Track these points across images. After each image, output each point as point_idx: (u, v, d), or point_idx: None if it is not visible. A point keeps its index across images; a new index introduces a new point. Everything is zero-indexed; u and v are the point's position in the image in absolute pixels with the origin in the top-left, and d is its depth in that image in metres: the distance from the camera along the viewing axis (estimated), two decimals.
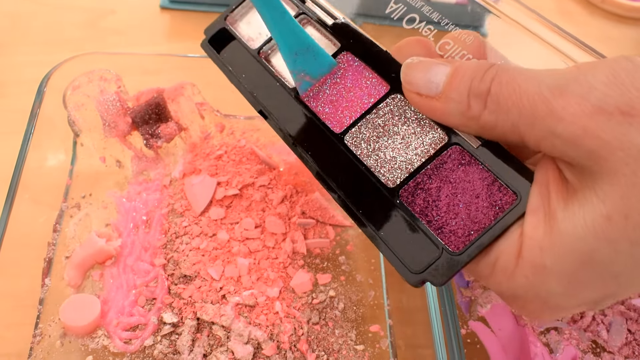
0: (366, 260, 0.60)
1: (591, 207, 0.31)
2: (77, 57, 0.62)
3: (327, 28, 0.48)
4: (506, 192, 0.36)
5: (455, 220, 0.37)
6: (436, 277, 0.36)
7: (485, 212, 0.37)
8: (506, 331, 0.54)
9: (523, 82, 0.33)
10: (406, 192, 0.39)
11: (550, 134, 0.32)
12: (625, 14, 0.98)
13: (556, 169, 0.34)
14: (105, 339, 0.52)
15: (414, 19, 0.46)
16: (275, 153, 0.66)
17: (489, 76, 0.34)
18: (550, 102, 0.31)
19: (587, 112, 0.30)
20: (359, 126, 0.43)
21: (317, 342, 0.53)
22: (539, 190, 0.34)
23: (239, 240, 0.58)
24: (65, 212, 0.60)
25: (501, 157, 0.37)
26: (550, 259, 0.32)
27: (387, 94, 0.43)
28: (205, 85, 0.66)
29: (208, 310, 0.53)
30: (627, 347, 0.54)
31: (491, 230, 0.36)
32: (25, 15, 0.83)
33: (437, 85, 0.37)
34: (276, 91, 0.48)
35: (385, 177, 0.40)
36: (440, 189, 0.38)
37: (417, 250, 0.38)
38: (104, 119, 0.61)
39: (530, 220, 0.34)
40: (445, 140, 0.39)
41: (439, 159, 0.39)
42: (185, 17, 0.86)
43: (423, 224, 0.38)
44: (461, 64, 0.36)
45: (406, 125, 0.41)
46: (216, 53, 0.52)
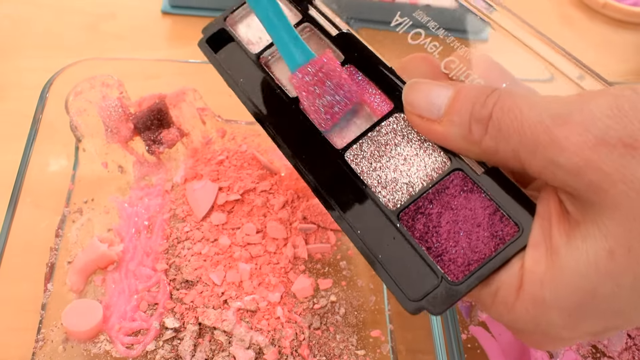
0: (367, 266, 0.59)
1: (593, 242, 0.30)
2: (79, 63, 0.63)
3: (330, 39, 0.47)
4: (508, 222, 0.36)
5: (455, 248, 0.36)
6: (434, 307, 0.36)
7: (486, 242, 0.36)
8: (506, 336, 0.54)
9: (525, 109, 0.32)
10: (407, 216, 0.38)
11: (552, 163, 0.31)
12: (625, 19, 0.98)
13: (558, 201, 0.33)
14: (108, 344, 0.52)
15: (420, 35, 0.45)
16: (276, 158, 0.66)
17: (491, 101, 0.34)
18: (552, 131, 0.31)
19: (590, 143, 0.30)
20: (360, 143, 0.42)
21: (319, 347, 0.53)
22: (541, 223, 0.34)
23: (241, 246, 0.58)
24: (67, 217, 0.60)
25: (504, 186, 0.36)
26: (551, 293, 0.32)
27: (391, 112, 0.42)
28: (207, 91, 0.66)
29: (210, 315, 0.53)
30: (627, 352, 0.54)
31: (492, 261, 0.35)
32: (27, 20, 0.83)
33: (438, 108, 0.36)
34: (275, 99, 0.47)
35: (385, 199, 0.39)
36: (441, 215, 0.38)
37: (416, 277, 0.37)
38: (106, 125, 0.61)
39: (531, 255, 0.33)
40: (448, 164, 0.39)
41: (441, 184, 0.38)
42: (187, 22, 0.86)
43: (423, 251, 0.37)
44: (463, 86, 0.36)
45: (409, 146, 0.40)
46: (213, 53, 0.51)
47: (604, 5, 0.98)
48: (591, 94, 0.31)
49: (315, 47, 0.48)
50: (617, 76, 0.91)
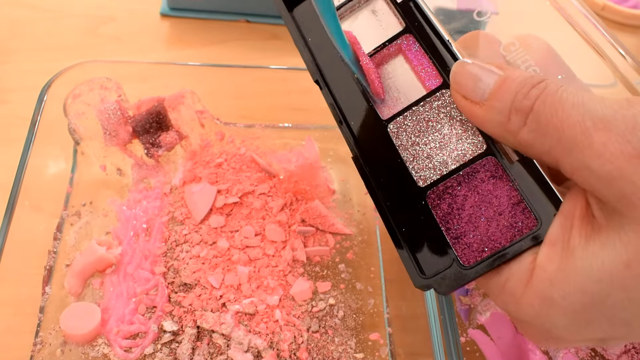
0: (366, 269, 0.60)
1: (612, 251, 0.30)
2: (78, 65, 0.63)
3: (395, 5, 0.46)
4: (529, 215, 0.36)
5: (473, 233, 0.37)
6: (441, 287, 0.36)
7: (503, 231, 0.36)
8: (505, 339, 0.54)
9: (568, 106, 0.32)
10: (434, 194, 0.39)
11: (585, 166, 0.31)
12: (625, 21, 0.98)
13: (585, 203, 0.33)
14: (106, 347, 0.52)
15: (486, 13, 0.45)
16: (275, 161, 0.66)
17: (534, 93, 0.33)
18: (590, 134, 0.30)
19: (627, 154, 0.29)
20: (404, 116, 0.42)
21: (317, 350, 0.53)
22: (563, 222, 0.33)
23: (239, 248, 0.58)
24: (65, 220, 0.60)
25: (534, 179, 0.36)
26: (559, 294, 0.31)
27: (439, 87, 0.42)
28: (205, 94, 0.66)
29: (208, 318, 0.53)
30: (626, 356, 0.54)
31: (504, 252, 0.35)
32: (26, 22, 0.83)
33: (483, 92, 0.36)
34: (338, 63, 0.46)
35: (417, 175, 0.40)
36: (466, 198, 0.38)
37: (430, 255, 0.37)
38: (104, 128, 0.61)
39: (545, 252, 0.33)
40: (482, 149, 0.38)
41: (472, 167, 0.38)
42: (186, 25, 0.86)
43: (441, 230, 0.38)
44: (511, 73, 0.35)
45: (449, 125, 0.40)
46: (288, 11, 0.49)
47: (603, 8, 0.98)
48: (638, 102, 0.31)
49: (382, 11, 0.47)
50: None
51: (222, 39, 0.84)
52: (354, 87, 0.45)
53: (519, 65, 0.41)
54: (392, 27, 0.46)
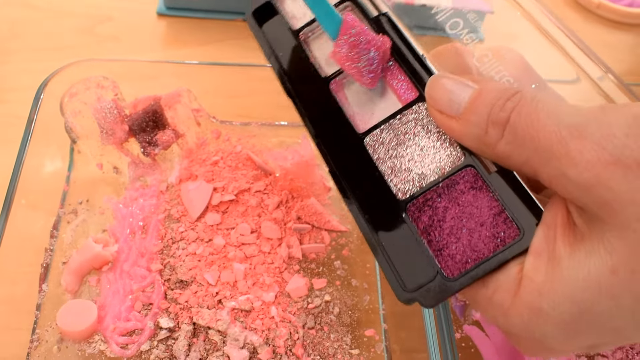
0: (361, 265, 0.60)
1: (598, 259, 0.30)
2: (74, 64, 0.63)
3: (369, 20, 0.46)
4: (511, 225, 0.35)
5: (456, 244, 0.36)
6: (426, 300, 0.36)
7: (486, 242, 0.36)
8: (500, 335, 0.54)
9: (543, 116, 0.32)
10: (414, 207, 0.38)
11: (563, 175, 0.31)
12: (620, 19, 0.98)
13: (566, 212, 0.33)
14: (102, 344, 0.52)
15: (458, 24, 0.45)
16: (271, 159, 0.66)
17: (510, 105, 0.33)
18: (567, 142, 0.30)
19: (603, 161, 0.29)
20: (381, 129, 0.42)
21: (313, 346, 0.54)
22: (546, 232, 0.33)
23: (235, 246, 0.58)
24: (62, 218, 0.60)
25: (513, 188, 0.36)
26: (548, 304, 0.31)
27: (415, 100, 0.42)
28: (202, 92, 0.66)
29: (204, 315, 0.53)
30: (620, 351, 0.54)
31: (487, 262, 0.35)
32: (23, 22, 0.83)
33: (458, 106, 0.36)
34: (308, 77, 0.46)
35: (396, 188, 0.39)
36: (447, 210, 0.38)
37: (413, 268, 0.37)
38: (101, 127, 0.61)
39: (532, 262, 0.33)
40: (461, 159, 0.38)
41: (452, 179, 0.38)
42: (182, 24, 0.86)
43: (423, 243, 0.37)
44: (485, 86, 0.35)
45: (427, 138, 0.40)
46: (258, 27, 0.50)
47: (598, 6, 0.98)
48: (610, 109, 0.30)
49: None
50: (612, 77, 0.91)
51: (219, 38, 0.84)
52: (329, 99, 0.45)
53: (492, 76, 0.41)
54: None
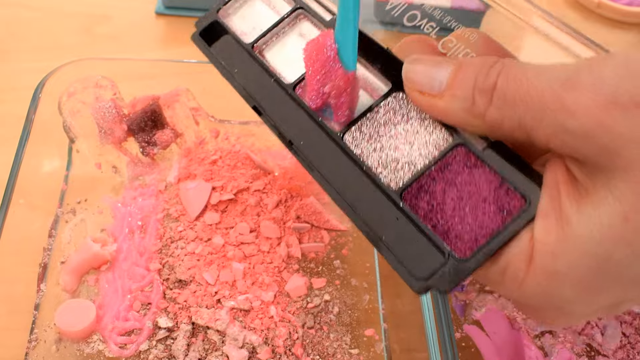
0: (361, 264, 0.60)
1: (607, 208, 0.29)
2: (72, 63, 0.63)
3: (324, 23, 0.46)
4: (514, 195, 0.35)
5: (461, 224, 0.35)
6: (442, 284, 0.34)
7: (492, 216, 0.35)
8: (501, 335, 0.54)
9: (531, 75, 0.31)
10: (409, 195, 0.37)
11: (561, 129, 0.30)
12: (620, 18, 0.98)
13: (565, 169, 0.32)
14: (101, 344, 0.52)
15: (415, 16, 0.44)
16: (270, 158, 0.66)
17: (494, 71, 0.33)
18: (560, 95, 0.30)
19: (601, 105, 0.29)
20: (358, 125, 0.41)
21: (312, 346, 0.53)
22: (549, 193, 0.32)
23: (234, 245, 0.58)
24: (60, 217, 0.60)
25: (508, 159, 0.35)
26: (564, 265, 0.30)
27: (389, 92, 0.41)
28: (200, 91, 0.66)
29: (203, 314, 0.53)
30: (621, 351, 0.54)
31: (500, 235, 0.34)
32: (20, 22, 0.83)
33: (440, 83, 0.35)
34: (271, 87, 0.46)
35: (387, 179, 0.38)
36: (445, 192, 0.37)
37: (422, 256, 0.36)
38: (99, 126, 0.61)
39: (541, 225, 0.32)
40: (449, 140, 0.38)
41: (443, 161, 0.37)
42: (181, 23, 0.86)
43: (428, 229, 0.36)
44: (465, 60, 0.35)
45: (409, 125, 0.39)
46: (207, 46, 0.50)
47: (598, 5, 0.98)
48: (599, 58, 0.30)
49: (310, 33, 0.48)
50: None
51: None
52: (296, 107, 0.44)
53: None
54: None
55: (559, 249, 0.30)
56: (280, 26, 0.49)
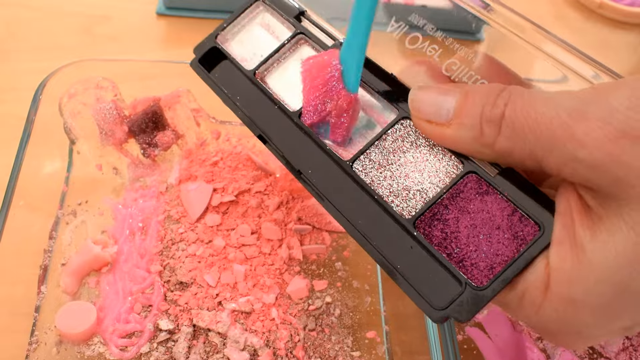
0: (362, 267, 0.60)
1: (621, 235, 0.30)
2: (73, 64, 0.62)
3: (326, 49, 0.46)
4: (528, 222, 0.35)
5: (476, 252, 0.36)
6: (461, 314, 0.35)
7: (507, 244, 0.35)
8: (503, 337, 0.54)
9: (539, 105, 0.31)
10: (423, 223, 0.38)
11: (572, 159, 0.30)
12: (622, 19, 0.98)
13: (577, 196, 0.33)
14: (101, 346, 0.52)
15: (417, 38, 0.44)
16: (271, 159, 0.66)
17: (502, 100, 0.33)
18: (570, 126, 0.30)
19: (611, 136, 0.29)
20: (367, 153, 0.41)
21: (314, 348, 0.53)
22: (563, 220, 0.33)
23: (235, 247, 0.58)
24: (61, 219, 0.59)
25: (520, 186, 0.36)
26: (580, 291, 0.31)
27: (396, 120, 0.41)
28: (201, 92, 0.66)
29: (204, 316, 0.53)
30: (624, 353, 0.54)
31: (515, 263, 0.34)
32: (21, 22, 0.83)
33: (447, 112, 0.35)
34: (275, 115, 0.46)
35: (399, 208, 0.39)
36: (458, 220, 0.37)
37: (439, 285, 0.36)
38: (100, 127, 0.61)
39: (556, 252, 0.32)
40: (460, 167, 0.38)
41: (455, 188, 0.38)
42: (182, 24, 0.86)
43: (443, 257, 0.36)
44: (471, 88, 0.35)
45: (418, 152, 0.39)
46: (207, 73, 0.51)
47: (600, 5, 0.98)
48: (606, 87, 0.31)
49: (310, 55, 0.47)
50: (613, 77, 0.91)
51: None
52: (302, 135, 0.44)
53: (465, 81, 0.41)
54: None
55: (575, 276, 0.31)
56: (282, 52, 0.49)
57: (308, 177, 0.43)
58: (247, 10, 0.52)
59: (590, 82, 0.41)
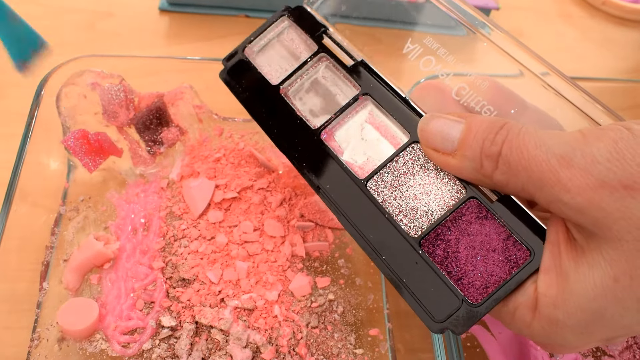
0: (365, 264, 0.59)
1: (599, 270, 0.34)
2: (75, 60, 0.62)
3: (346, 69, 0.49)
4: (520, 247, 0.39)
5: (473, 272, 0.39)
6: (457, 327, 0.39)
7: (501, 265, 0.39)
8: (506, 335, 0.54)
9: (532, 147, 0.35)
10: (427, 242, 0.41)
11: (558, 200, 0.34)
12: (626, 16, 0.98)
13: (565, 229, 0.37)
14: (104, 343, 0.51)
15: (431, 61, 0.47)
16: (274, 156, 0.65)
17: (500, 138, 0.37)
18: (557, 172, 0.34)
19: (592, 185, 0.33)
20: (380, 173, 0.44)
21: (316, 346, 0.53)
22: (551, 249, 0.37)
23: (238, 244, 0.58)
24: (63, 215, 0.59)
25: (516, 213, 0.40)
26: (563, 315, 0.35)
27: (408, 142, 0.44)
28: (204, 88, 0.66)
29: (206, 313, 0.52)
30: (627, 351, 0.54)
31: (507, 284, 0.38)
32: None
33: (452, 143, 0.39)
34: (297, 130, 0.49)
35: (407, 227, 0.42)
36: (459, 241, 0.40)
37: (438, 299, 0.40)
38: (104, 108, 0.61)
39: (544, 279, 0.37)
40: (463, 193, 0.41)
41: (457, 211, 0.41)
42: (184, 20, 0.86)
43: (444, 275, 0.40)
44: (473, 120, 0.38)
45: (426, 175, 0.43)
46: (235, 84, 0.53)
47: (604, 3, 0.98)
48: (593, 137, 0.34)
49: (332, 77, 0.51)
50: (617, 74, 0.91)
51: (221, 34, 0.84)
52: (323, 150, 0.47)
53: (473, 106, 0.45)
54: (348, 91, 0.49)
55: (559, 301, 0.35)
56: (304, 68, 0.52)
57: (326, 192, 0.46)
58: (273, 25, 0.54)
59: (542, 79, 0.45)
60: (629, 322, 0.34)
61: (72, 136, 0.58)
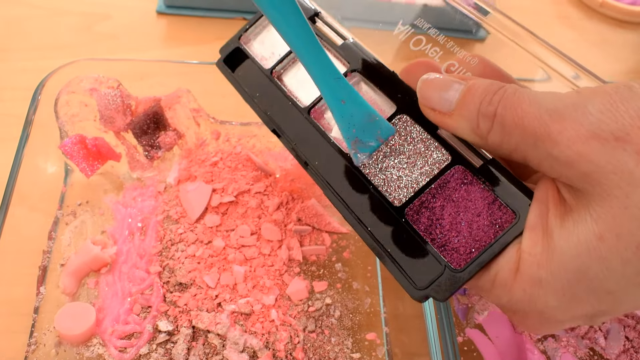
0: (362, 268, 0.59)
1: (585, 226, 0.32)
2: (72, 63, 0.62)
3: (336, 48, 0.49)
4: (506, 211, 0.38)
5: (457, 238, 0.39)
6: (439, 293, 0.38)
7: (485, 230, 0.38)
8: (503, 339, 0.54)
9: (526, 105, 0.34)
10: (411, 211, 0.41)
11: (548, 156, 0.33)
12: (623, 18, 0.98)
13: (555, 189, 0.35)
14: (101, 348, 0.51)
15: (421, 41, 0.47)
16: (271, 159, 0.65)
17: (496, 98, 0.36)
18: (548, 126, 0.33)
19: (582, 137, 0.32)
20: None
21: (313, 350, 0.53)
22: (538, 208, 0.36)
23: (235, 248, 0.58)
24: (60, 219, 0.59)
25: (501, 177, 0.39)
26: (546, 273, 0.34)
27: (394, 114, 0.44)
28: (201, 92, 0.66)
29: (203, 318, 0.52)
30: (624, 355, 0.54)
31: (491, 248, 0.37)
32: (21, 20, 0.83)
33: (450, 103, 0.38)
34: (289, 110, 0.49)
35: (392, 196, 0.42)
36: (443, 208, 0.40)
37: (421, 267, 0.39)
38: (101, 113, 0.61)
39: (528, 237, 0.35)
40: (448, 160, 0.41)
41: (442, 179, 0.41)
42: (182, 23, 0.85)
43: (427, 242, 0.39)
44: (474, 82, 0.38)
45: (412, 145, 0.42)
46: (231, 72, 0.54)
47: (602, 4, 0.98)
48: (588, 91, 0.33)
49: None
50: (615, 76, 0.91)
51: (219, 37, 0.83)
52: (312, 128, 0.48)
53: None
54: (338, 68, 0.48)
55: (543, 260, 0.34)
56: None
57: (314, 167, 0.46)
58: None
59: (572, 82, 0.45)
60: (612, 286, 0.33)
61: (70, 141, 0.58)
